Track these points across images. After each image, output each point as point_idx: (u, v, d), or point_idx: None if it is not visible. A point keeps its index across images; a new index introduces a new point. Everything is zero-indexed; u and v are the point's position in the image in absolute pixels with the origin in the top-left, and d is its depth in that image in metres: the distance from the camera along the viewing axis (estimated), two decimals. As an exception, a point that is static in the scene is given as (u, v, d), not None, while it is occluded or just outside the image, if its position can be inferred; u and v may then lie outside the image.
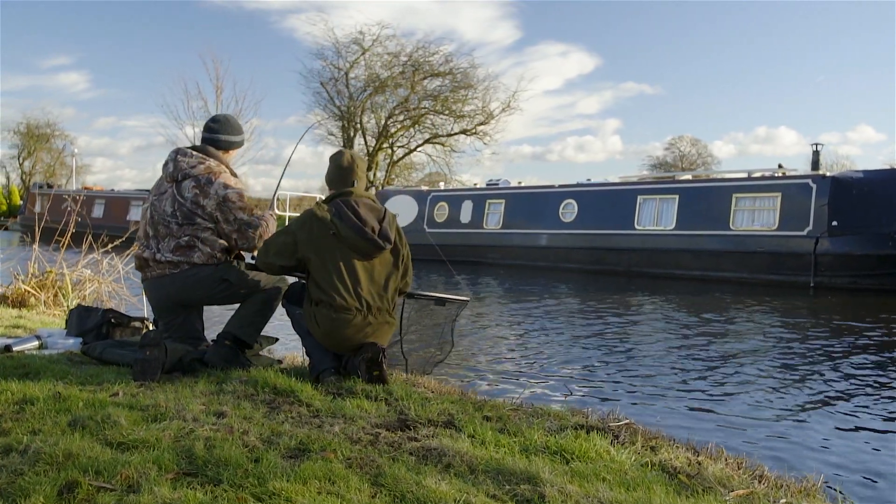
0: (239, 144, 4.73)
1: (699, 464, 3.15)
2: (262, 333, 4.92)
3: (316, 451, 2.87)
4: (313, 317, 4.14)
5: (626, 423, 3.67)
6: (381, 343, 4.18)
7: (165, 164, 4.52)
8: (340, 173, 4.33)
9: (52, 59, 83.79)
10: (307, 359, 4.44)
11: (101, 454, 2.69)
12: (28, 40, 77.35)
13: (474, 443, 3.07)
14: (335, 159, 4.39)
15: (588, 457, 2.96)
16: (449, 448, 2.90)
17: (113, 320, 4.86)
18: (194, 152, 4.50)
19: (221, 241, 4.42)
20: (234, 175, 4.58)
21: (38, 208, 33.24)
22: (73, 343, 4.76)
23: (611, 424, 3.58)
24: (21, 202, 46.40)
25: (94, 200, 32.33)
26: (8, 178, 59.80)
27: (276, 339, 5.05)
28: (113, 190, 34.40)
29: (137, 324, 4.95)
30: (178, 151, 4.53)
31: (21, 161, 60.84)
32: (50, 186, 39.88)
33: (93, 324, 4.83)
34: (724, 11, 73.18)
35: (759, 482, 3.11)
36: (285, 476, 2.54)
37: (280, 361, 4.81)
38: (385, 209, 4.31)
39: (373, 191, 29.59)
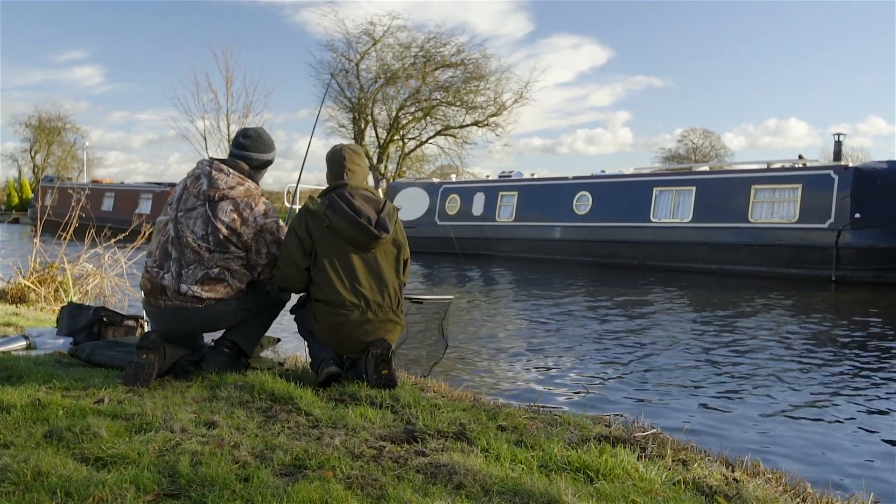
0: (270, 163, 4.29)
1: (737, 481, 2.85)
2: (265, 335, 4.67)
3: (313, 468, 2.60)
4: (314, 314, 3.96)
5: (652, 434, 3.37)
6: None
7: (196, 178, 4.01)
8: (332, 167, 4.13)
9: (66, 53, 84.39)
10: (310, 360, 4.18)
11: (75, 472, 2.43)
12: (43, 34, 77.79)
13: (488, 458, 2.79)
14: (327, 154, 4.19)
15: (614, 474, 2.67)
16: (460, 465, 2.61)
17: (105, 319, 4.59)
18: (231, 170, 4.02)
19: (249, 274, 4.05)
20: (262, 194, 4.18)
21: (47, 202, 33.19)
22: (62, 343, 4.50)
23: (636, 435, 3.29)
24: (32, 195, 46.38)
25: (103, 193, 32.21)
26: (20, 172, 59.89)
27: (278, 340, 4.80)
28: (123, 183, 34.25)
29: (131, 322, 4.69)
30: (211, 165, 4.03)
31: (33, 154, 60.90)
32: (60, 180, 39.81)
33: (84, 323, 4.57)
34: (734, 4, 72.53)
35: (804, 502, 2.82)
36: (276, 499, 2.28)
37: (282, 363, 4.53)
38: (385, 200, 4.05)
39: (384, 183, 29.31)
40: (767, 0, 69.75)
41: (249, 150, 4.15)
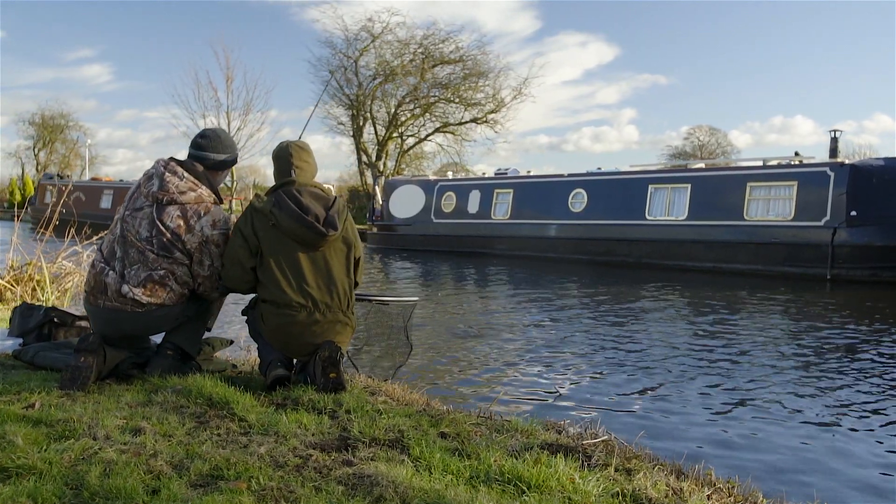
0: (231, 163, 4.15)
1: (680, 492, 2.72)
2: (216, 336, 4.56)
3: (230, 478, 2.48)
4: (261, 315, 3.84)
5: (603, 440, 3.24)
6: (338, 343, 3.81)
7: (149, 178, 3.90)
8: (278, 164, 3.99)
9: (75, 51, 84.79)
10: (259, 362, 4.06)
11: (-28, 485, 2.31)
12: (52, 33, 78.11)
13: (419, 468, 2.66)
14: (273, 152, 4.05)
15: (547, 487, 2.54)
16: (384, 476, 2.49)
17: (56, 319, 4.47)
18: (186, 173, 3.89)
19: (192, 283, 3.92)
20: (220, 200, 4.04)
21: (47, 199, 33.18)
22: (10, 345, 4.38)
23: (584, 442, 3.16)
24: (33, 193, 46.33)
25: (101, 191, 32.17)
26: (23, 169, 59.93)
27: (231, 342, 4.68)
28: (122, 180, 34.19)
29: (83, 323, 4.56)
30: (166, 167, 3.89)
31: (36, 152, 60.99)
32: (61, 177, 39.80)
33: (34, 323, 4.45)
34: (739, 3, 72.32)
35: (749, 514, 2.70)
36: (180, 513, 2.15)
37: (235, 366, 4.42)
38: (335, 197, 3.92)
39: (382, 180, 29.20)
40: (772, -2, 69.48)
41: (206, 151, 4.04)
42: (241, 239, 3.79)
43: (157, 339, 4.12)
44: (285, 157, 3.94)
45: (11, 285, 8.22)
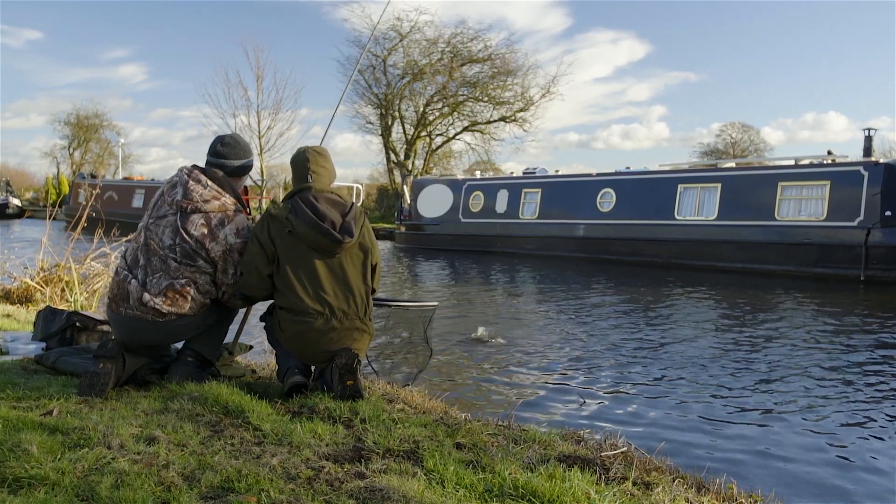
0: (250, 168, 4.17)
1: (700, 508, 2.66)
2: (237, 341, 4.56)
3: (241, 490, 2.46)
4: (278, 322, 3.83)
5: (622, 452, 3.18)
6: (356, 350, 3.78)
7: (173, 186, 3.91)
8: (296, 170, 3.97)
9: (111, 51, 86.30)
10: (277, 369, 4.05)
11: (-18, 496, 2.31)
12: (88, 33, 79.53)
13: (431, 481, 2.62)
14: (291, 158, 4.02)
15: (562, 502, 2.48)
16: (396, 490, 2.45)
17: (78, 324, 4.50)
18: (210, 181, 3.89)
19: (214, 291, 3.91)
20: (244, 207, 4.04)
21: (81, 198, 33.69)
22: (34, 349, 4.43)
23: (602, 454, 3.09)
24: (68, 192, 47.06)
25: (133, 190, 32.61)
26: (58, 168, 60.95)
27: (251, 347, 4.69)
28: (153, 179, 34.63)
29: (105, 327, 4.59)
30: (190, 175, 3.90)
31: (71, 151, 62.00)
32: (94, 177, 40.41)
33: (57, 328, 4.49)
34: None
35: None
36: (187, 528, 2.14)
37: (254, 371, 4.41)
38: (352, 204, 3.89)
39: (410, 179, 29.22)
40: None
41: (227, 158, 4.05)
42: (258, 246, 3.78)
43: (178, 345, 4.13)
44: (302, 162, 3.92)
45: (41, 286, 8.33)
